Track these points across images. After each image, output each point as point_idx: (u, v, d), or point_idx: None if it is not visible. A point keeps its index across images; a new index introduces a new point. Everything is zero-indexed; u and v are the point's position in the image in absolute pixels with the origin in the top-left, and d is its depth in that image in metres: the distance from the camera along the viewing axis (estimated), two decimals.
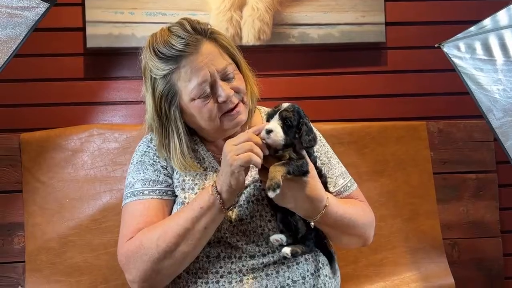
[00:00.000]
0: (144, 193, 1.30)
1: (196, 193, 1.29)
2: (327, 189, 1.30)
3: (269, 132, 1.14)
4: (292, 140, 1.17)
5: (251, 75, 1.37)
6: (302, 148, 1.19)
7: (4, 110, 1.94)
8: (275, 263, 1.26)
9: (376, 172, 1.96)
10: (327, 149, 1.43)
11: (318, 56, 2.08)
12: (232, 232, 1.27)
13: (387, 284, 1.89)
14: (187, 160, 1.29)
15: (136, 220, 1.28)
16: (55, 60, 1.97)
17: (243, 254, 1.26)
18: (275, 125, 1.15)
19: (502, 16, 1.63)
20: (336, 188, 1.37)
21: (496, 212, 2.07)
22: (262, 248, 1.26)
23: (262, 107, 1.48)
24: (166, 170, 1.33)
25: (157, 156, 1.34)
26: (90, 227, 1.79)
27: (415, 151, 2.01)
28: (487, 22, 1.64)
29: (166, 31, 1.28)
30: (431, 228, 1.98)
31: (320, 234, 1.30)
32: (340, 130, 1.95)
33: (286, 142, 1.15)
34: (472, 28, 1.66)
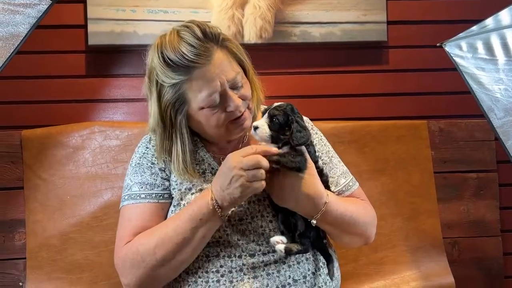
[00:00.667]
0: (141, 196, 1.31)
1: (193, 193, 1.29)
2: (328, 188, 1.31)
3: (255, 128, 1.21)
4: (280, 137, 1.21)
5: (257, 80, 1.37)
6: (295, 145, 1.21)
7: (5, 107, 1.94)
8: (276, 262, 1.26)
9: (377, 171, 1.96)
10: (328, 148, 1.43)
11: (320, 54, 2.08)
12: (232, 232, 1.27)
13: (387, 283, 1.89)
14: (188, 168, 1.28)
15: (132, 224, 1.29)
16: (56, 58, 1.97)
17: (243, 253, 1.26)
18: (262, 122, 1.21)
19: (504, 15, 1.62)
20: (338, 187, 1.37)
21: (496, 212, 2.07)
22: (262, 247, 1.26)
23: (263, 106, 1.48)
24: (164, 173, 1.33)
25: (155, 158, 1.34)
26: (91, 224, 1.79)
27: (416, 150, 2.01)
28: (489, 22, 1.64)
29: (175, 36, 1.23)
30: (431, 227, 1.98)
31: (320, 234, 1.31)
32: (340, 129, 1.95)
33: (272, 138, 1.21)
34: (474, 28, 1.65)
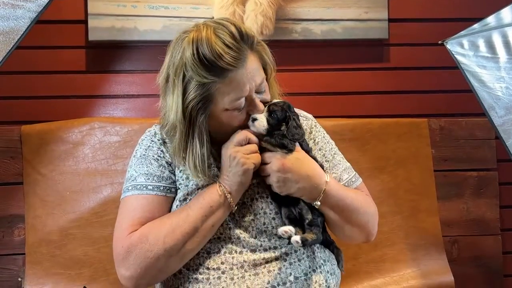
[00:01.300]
0: (148, 188, 1.29)
1: (199, 188, 1.28)
2: None
3: (254, 120, 1.24)
4: (274, 132, 1.25)
5: (276, 84, 1.36)
6: (290, 139, 1.26)
7: (5, 102, 1.93)
8: (277, 259, 1.26)
9: (377, 169, 1.96)
10: (332, 146, 1.43)
11: (321, 51, 2.08)
12: (234, 227, 1.27)
13: (387, 281, 1.89)
14: (205, 166, 1.25)
15: (138, 214, 1.26)
16: (57, 53, 1.96)
17: (244, 248, 1.26)
18: (262, 116, 1.25)
19: (506, 13, 1.62)
20: (341, 183, 1.37)
21: (496, 210, 2.07)
22: (264, 243, 1.26)
23: None
24: (170, 167, 1.32)
25: (161, 151, 1.33)
26: (90, 220, 1.79)
27: (417, 148, 2.01)
28: (491, 20, 1.64)
29: (211, 33, 1.19)
30: (431, 225, 1.98)
31: (325, 228, 1.32)
32: (341, 126, 1.95)
33: (267, 132, 1.24)
34: (476, 26, 1.65)
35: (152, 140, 1.35)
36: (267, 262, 1.25)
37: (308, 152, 1.31)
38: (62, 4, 1.89)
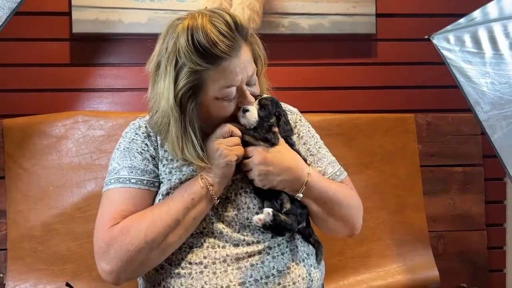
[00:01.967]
0: (131, 181, 1.27)
1: (182, 183, 1.27)
2: None
3: (245, 111, 1.24)
4: (263, 125, 1.25)
5: (265, 80, 1.36)
6: (282, 136, 1.27)
7: None
8: (260, 253, 1.25)
9: (364, 164, 1.96)
10: (317, 139, 1.42)
11: (308, 46, 2.07)
12: (217, 222, 1.26)
13: (373, 276, 1.89)
14: (197, 152, 1.23)
15: (120, 208, 1.25)
16: (40, 45, 1.93)
17: (227, 243, 1.25)
18: (253, 108, 1.25)
19: (492, 8, 1.62)
20: (326, 177, 1.36)
21: (481, 206, 2.08)
22: (247, 238, 1.25)
23: None
24: (154, 161, 1.31)
25: (145, 144, 1.31)
26: (74, 215, 1.77)
27: (403, 143, 2.01)
28: (477, 14, 1.64)
29: (207, 21, 1.18)
30: (417, 220, 1.99)
31: (309, 223, 1.32)
32: (328, 121, 1.95)
33: (257, 125, 1.24)
34: (462, 20, 1.65)
35: (136, 133, 1.34)
36: (250, 256, 1.24)
37: (292, 146, 1.31)
38: None
